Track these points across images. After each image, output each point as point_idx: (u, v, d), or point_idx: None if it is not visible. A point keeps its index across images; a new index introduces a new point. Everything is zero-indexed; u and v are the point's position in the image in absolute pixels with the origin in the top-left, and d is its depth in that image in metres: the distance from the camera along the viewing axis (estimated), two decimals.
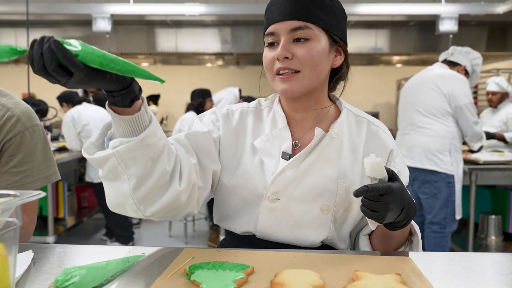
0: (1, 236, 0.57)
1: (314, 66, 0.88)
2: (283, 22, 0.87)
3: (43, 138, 1.08)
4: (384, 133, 0.99)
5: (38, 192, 0.60)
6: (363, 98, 7.78)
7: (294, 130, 0.97)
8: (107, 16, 4.53)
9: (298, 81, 0.88)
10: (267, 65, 0.91)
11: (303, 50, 0.87)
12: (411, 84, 2.76)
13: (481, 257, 0.85)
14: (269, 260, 0.81)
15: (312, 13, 0.87)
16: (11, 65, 7.67)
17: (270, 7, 0.92)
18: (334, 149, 0.93)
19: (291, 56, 0.87)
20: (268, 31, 0.90)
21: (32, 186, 1.04)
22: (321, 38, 0.89)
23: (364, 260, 0.81)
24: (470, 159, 2.87)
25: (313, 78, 0.89)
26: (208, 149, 0.94)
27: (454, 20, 4.50)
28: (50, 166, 1.08)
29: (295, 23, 0.87)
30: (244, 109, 1.01)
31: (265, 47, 0.92)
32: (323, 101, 0.97)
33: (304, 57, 0.87)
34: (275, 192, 0.91)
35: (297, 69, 0.87)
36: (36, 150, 1.05)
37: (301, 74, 0.88)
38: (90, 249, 0.89)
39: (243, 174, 0.94)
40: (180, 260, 0.81)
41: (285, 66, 0.87)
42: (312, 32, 0.87)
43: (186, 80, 7.95)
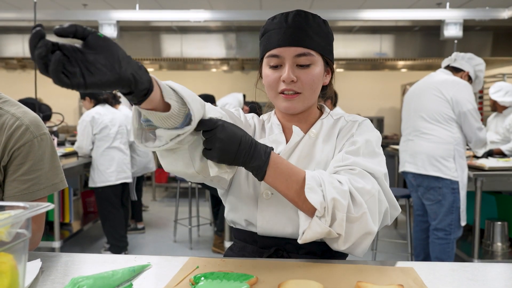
0: (11, 248, 0.58)
1: (314, 89, 0.98)
2: (289, 48, 0.95)
3: (51, 147, 1.10)
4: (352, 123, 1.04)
5: (47, 204, 0.62)
6: (368, 103, 7.77)
7: (289, 136, 1.06)
8: (113, 22, 4.57)
9: (300, 101, 0.98)
10: (271, 84, 0.99)
11: (306, 75, 0.96)
12: (414, 90, 2.76)
13: (485, 268, 0.85)
14: (273, 270, 0.81)
15: (313, 40, 0.96)
16: (18, 71, 7.75)
17: (272, 29, 0.98)
18: (312, 146, 1.02)
19: (296, 80, 0.96)
20: (273, 53, 0.97)
21: (39, 194, 1.06)
22: (319, 62, 0.98)
23: (367, 270, 0.82)
24: (475, 165, 2.86)
25: (311, 98, 1.00)
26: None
27: (459, 25, 4.49)
28: (57, 174, 1.10)
29: (300, 49, 0.95)
30: (255, 117, 1.15)
31: (268, 67, 0.99)
32: (313, 113, 1.08)
33: (307, 81, 0.97)
34: (268, 187, 0.98)
35: (299, 91, 0.97)
36: (44, 159, 1.07)
37: (302, 96, 0.98)
38: (96, 258, 0.91)
39: (242, 170, 1.02)
40: (185, 270, 0.82)
41: (290, 88, 0.97)
42: (313, 58, 0.96)
43: (191, 85, 8.00)
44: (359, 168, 0.90)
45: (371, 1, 5.11)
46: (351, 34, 6.16)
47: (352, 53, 6.28)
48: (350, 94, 7.71)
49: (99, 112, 3.41)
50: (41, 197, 1.06)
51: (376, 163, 0.94)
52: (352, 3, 5.24)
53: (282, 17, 0.98)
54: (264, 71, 1.01)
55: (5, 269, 0.57)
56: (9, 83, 7.64)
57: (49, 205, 0.62)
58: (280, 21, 0.98)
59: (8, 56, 6.50)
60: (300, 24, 0.96)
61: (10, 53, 6.41)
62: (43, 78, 0.71)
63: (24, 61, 7.09)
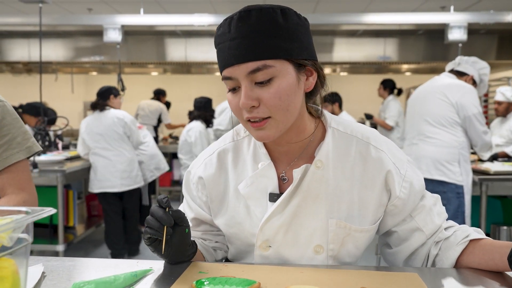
0: (13, 253, 0.58)
1: (285, 107, 0.78)
2: (238, 66, 0.76)
3: (11, 113, 1.11)
4: (377, 150, 0.87)
5: (49, 208, 0.62)
6: (371, 107, 7.75)
7: (279, 163, 0.89)
8: (118, 26, 4.59)
9: (272, 127, 0.79)
10: (234, 112, 0.82)
11: (269, 94, 0.76)
12: (419, 93, 2.75)
13: (491, 274, 0.84)
14: (276, 275, 0.81)
15: (268, 46, 0.75)
16: (24, 75, 7.81)
17: (218, 44, 0.80)
18: (320, 182, 0.85)
19: (257, 104, 0.77)
20: (224, 75, 0.79)
21: (15, 158, 1.07)
22: (286, 71, 0.77)
23: (371, 276, 0.81)
24: (480, 169, 2.83)
25: (287, 118, 0.80)
26: (211, 222, 0.98)
27: (463, 29, 4.47)
28: (27, 138, 1.12)
29: (252, 64, 0.75)
30: (221, 150, 0.94)
31: (228, 91, 0.82)
32: (306, 127, 0.87)
33: (271, 102, 0.77)
34: (265, 240, 0.88)
35: (266, 116, 0.78)
36: (6, 124, 1.09)
37: (272, 120, 0.79)
38: (99, 263, 0.90)
39: (233, 224, 0.92)
40: (187, 275, 0.81)
41: (253, 115, 0.78)
42: (274, 69, 0.76)
43: (195, 88, 8.02)
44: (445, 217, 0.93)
45: (375, 5, 5.12)
46: (355, 38, 6.16)
47: (356, 56, 6.28)
48: (354, 97, 7.70)
49: (86, 121, 3.43)
50: (18, 160, 1.08)
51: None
52: (356, 7, 5.25)
53: (225, 26, 0.78)
54: (227, 95, 0.83)
55: (6, 274, 0.57)
56: (15, 87, 7.70)
57: (51, 209, 0.62)
58: (223, 31, 0.78)
59: (14, 60, 6.55)
60: (244, 30, 0.75)
61: (15, 57, 6.46)
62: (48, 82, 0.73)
63: (30, 65, 7.15)
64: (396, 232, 0.92)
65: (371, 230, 0.90)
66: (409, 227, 0.91)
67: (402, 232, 0.91)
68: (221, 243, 1.01)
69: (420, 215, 0.90)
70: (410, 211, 0.90)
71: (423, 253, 0.91)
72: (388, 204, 0.89)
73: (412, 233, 0.90)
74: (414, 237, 0.90)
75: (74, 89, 7.77)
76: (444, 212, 0.94)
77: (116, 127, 3.35)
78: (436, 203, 0.93)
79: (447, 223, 0.93)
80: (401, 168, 0.88)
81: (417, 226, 0.90)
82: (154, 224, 0.79)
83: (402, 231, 0.91)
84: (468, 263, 0.86)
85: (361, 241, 0.90)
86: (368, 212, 0.88)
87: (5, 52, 6.46)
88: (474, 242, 0.87)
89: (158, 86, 7.85)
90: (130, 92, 5.67)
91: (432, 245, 0.91)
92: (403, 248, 0.92)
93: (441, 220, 0.91)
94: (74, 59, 6.41)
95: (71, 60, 6.41)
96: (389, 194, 0.88)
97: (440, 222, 0.91)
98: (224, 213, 0.94)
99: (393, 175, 0.87)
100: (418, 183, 0.90)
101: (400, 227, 0.91)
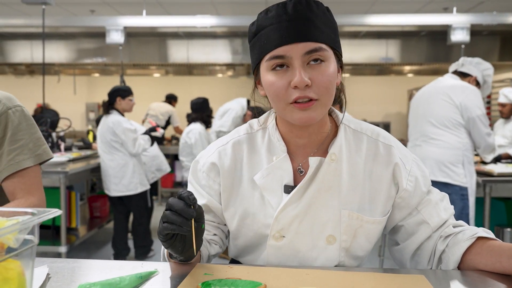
0: (19, 254, 0.58)
1: (331, 92, 0.82)
2: (296, 44, 0.78)
3: (28, 118, 1.13)
4: (385, 146, 0.91)
5: (55, 210, 0.61)
6: (374, 108, 7.75)
7: (295, 156, 0.91)
8: (120, 28, 4.60)
9: (317, 109, 0.81)
10: (278, 93, 0.81)
11: (322, 75, 0.80)
12: (422, 95, 2.74)
13: (498, 276, 0.83)
14: (281, 277, 0.80)
15: (324, 32, 0.80)
16: (26, 76, 7.83)
17: (268, 25, 0.81)
18: (334, 174, 0.88)
19: (310, 83, 0.79)
20: (276, 54, 0.80)
21: (24, 164, 1.09)
22: (332, 58, 0.82)
23: (377, 278, 0.81)
24: (484, 171, 2.82)
25: (328, 103, 0.84)
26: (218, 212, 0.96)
27: (466, 30, 4.47)
28: (39, 145, 1.13)
29: (311, 44, 0.79)
30: (235, 141, 0.95)
31: (270, 72, 0.82)
32: (326, 121, 0.91)
33: (323, 83, 0.80)
34: (280, 229, 0.89)
35: (315, 97, 0.80)
36: (22, 129, 1.10)
37: (319, 102, 0.81)
38: (104, 264, 0.90)
39: (246, 215, 0.92)
40: (192, 276, 0.81)
41: (305, 94, 0.79)
42: (326, 53, 0.81)
43: (197, 90, 8.02)
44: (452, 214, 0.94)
45: (378, 6, 5.11)
46: (357, 39, 6.16)
47: (358, 58, 6.28)
48: (356, 99, 7.69)
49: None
50: (27, 167, 1.09)
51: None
52: (358, 8, 5.25)
53: (279, 9, 0.80)
54: (265, 77, 0.83)
55: (12, 276, 0.57)
56: (18, 89, 7.71)
57: (56, 211, 0.61)
58: (277, 13, 0.80)
59: (17, 62, 6.58)
60: (304, 13, 0.79)
61: (18, 58, 6.48)
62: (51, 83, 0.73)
63: (32, 67, 7.17)
64: (403, 226, 0.94)
65: (382, 222, 0.92)
66: (415, 220, 0.92)
67: (409, 226, 0.93)
68: (219, 237, 0.99)
69: (426, 208, 0.92)
70: (416, 205, 0.92)
71: (429, 247, 0.91)
72: (396, 197, 0.91)
73: (418, 226, 0.92)
74: (420, 230, 0.92)
75: (77, 91, 7.79)
76: (451, 208, 0.94)
77: (107, 133, 3.33)
78: (443, 199, 0.95)
79: (457, 223, 0.93)
80: (406, 163, 0.91)
81: (422, 219, 0.91)
82: (175, 219, 0.74)
83: (409, 225, 0.93)
84: (474, 263, 0.86)
85: (372, 233, 0.91)
86: (378, 205, 0.90)
87: (8, 54, 6.49)
88: (482, 242, 0.86)
89: (160, 87, 7.87)
90: None
91: (438, 240, 0.91)
92: (410, 242, 0.93)
93: (447, 215, 0.92)
94: (77, 61, 6.43)
95: (74, 61, 6.43)
96: (397, 187, 0.91)
97: (446, 217, 0.92)
98: (238, 203, 0.93)
99: (400, 168, 0.90)
100: (423, 179, 0.93)
101: (407, 221, 0.93)
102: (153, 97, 6.94)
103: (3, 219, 0.58)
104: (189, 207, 0.74)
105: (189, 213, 0.74)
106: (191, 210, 0.74)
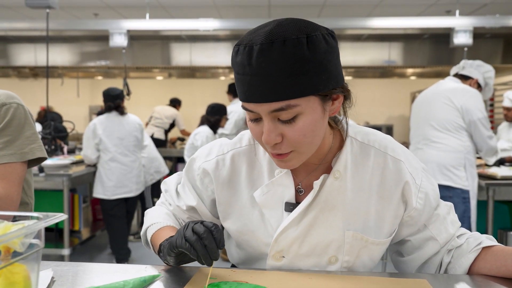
0: (24, 258, 0.58)
1: (310, 142, 0.75)
2: (260, 104, 0.71)
3: (22, 117, 1.14)
4: (395, 161, 0.85)
5: (60, 214, 0.62)
6: (377, 111, 7.73)
7: (298, 173, 0.87)
8: (124, 31, 4.62)
9: (295, 158, 0.77)
10: (257, 139, 0.78)
11: (293, 132, 0.73)
12: (423, 98, 2.74)
13: (502, 280, 0.83)
14: (284, 281, 0.81)
15: (292, 85, 0.69)
16: (30, 79, 7.86)
17: (237, 73, 0.73)
18: (338, 193, 0.83)
19: (280, 139, 0.74)
20: (245, 107, 0.74)
21: (6, 159, 1.10)
22: (311, 107, 0.72)
23: (381, 283, 0.81)
24: (487, 174, 2.81)
25: (311, 150, 0.78)
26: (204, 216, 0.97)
27: (468, 33, 4.46)
28: (27, 144, 1.14)
29: (275, 105, 0.70)
30: (236, 151, 0.91)
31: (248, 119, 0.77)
32: (325, 142, 0.85)
33: (295, 139, 0.73)
34: (279, 250, 0.86)
35: (289, 151, 0.75)
36: (12, 125, 1.12)
37: (295, 153, 0.76)
38: (108, 268, 0.90)
39: (246, 232, 0.89)
40: (196, 280, 0.81)
41: (276, 151, 0.76)
42: (299, 107, 0.71)
43: (200, 93, 8.05)
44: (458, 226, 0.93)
45: (380, 9, 5.12)
46: (360, 42, 6.16)
47: (360, 61, 6.27)
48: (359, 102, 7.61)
49: (102, 122, 3.31)
50: (6, 162, 1.10)
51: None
52: (360, 11, 5.25)
53: (244, 55, 0.70)
54: (248, 123, 0.79)
55: (18, 280, 0.58)
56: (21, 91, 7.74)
57: (62, 215, 0.62)
58: (242, 61, 0.70)
59: (21, 65, 6.61)
60: (266, 68, 0.68)
61: (22, 62, 6.51)
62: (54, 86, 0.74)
63: (36, 70, 7.20)
64: (410, 241, 0.91)
65: (387, 243, 0.89)
66: (423, 236, 0.90)
67: (416, 241, 0.90)
68: None
69: (434, 224, 0.89)
70: (425, 221, 0.89)
71: (436, 261, 0.91)
72: (404, 215, 0.88)
73: (426, 242, 0.90)
74: (428, 246, 0.89)
75: (80, 94, 7.82)
76: (457, 221, 0.93)
77: (136, 132, 3.42)
78: (449, 211, 0.92)
79: (460, 231, 0.92)
80: (416, 178, 0.86)
81: (431, 235, 0.89)
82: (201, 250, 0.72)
83: (416, 240, 0.90)
84: (480, 269, 0.86)
85: (376, 253, 0.89)
86: (385, 224, 0.87)
87: (12, 57, 6.52)
88: (486, 248, 0.86)
89: (163, 90, 7.89)
90: (135, 96, 5.71)
91: (445, 253, 0.90)
92: (416, 256, 0.91)
93: (455, 228, 0.91)
94: (80, 64, 6.45)
95: (77, 64, 6.45)
96: (406, 205, 0.87)
97: (453, 231, 0.90)
98: (236, 218, 0.91)
99: (410, 186, 0.85)
100: (433, 193, 0.89)
101: (414, 236, 0.91)
102: (156, 100, 6.96)
103: (9, 223, 0.58)
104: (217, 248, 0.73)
105: (215, 255, 0.72)
106: (217, 253, 0.73)
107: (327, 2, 4.85)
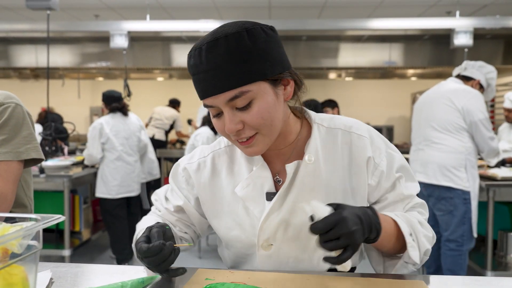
0: (22, 259, 0.59)
1: (269, 123, 0.81)
2: (216, 96, 0.78)
3: (19, 118, 1.15)
4: (359, 138, 0.90)
5: (58, 216, 0.62)
6: (377, 112, 7.73)
7: (273, 164, 0.92)
8: (124, 33, 4.63)
9: (259, 142, 0.83)
10: (222, 133, 0.85)
11: (251, 116, 0.80)
12: (425, 99, 2.74)
13: (498, 282, 0.83)
14: (282, 282, 0.81)
15: (241, 73, 0.77)
16: (31, 80, 7.88)
17: (193, 74, 0.81)
18: (313, 176, 0.88)
19: (241, 126, 0.81)
20: (205, 103, 0.82)
21: (1, 157, 1.11)
22: (263, 91, 0.80)
23: (377, 284, 0.81)
24: (487, 175, 2.81)
25: (273, 132, 0.84)
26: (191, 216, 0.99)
27: (469, 34, 4.46)
28: (23, 144, 1.15)
29: (229, 93, 0.78)
30: (215, 153, 0.97)
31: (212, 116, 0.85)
32: (291, 129, 0.91)
33: (254, 122, 0.80)
34: (266, 238, 0.89)
35: (252, 134, 0.82)
36: (8, 125, 1.12)
37: (259, 135, 0.83)
38: (106, 269, 0.91)
39: (233, 227, 0.92)
40: (194, 281, 0.81)
41: (240, 137, 0.82)
42: (251, 92, 0.78)
43: None
44: (416, 200, 0.93)
45: (380, 10, 5.12)
46: (360, 43, 6.16)
47: (361, 61, 6.28)
48: (360, 103, 7.69)
49: (108, 122, 3.36)
50: (1, 160, 1.11)
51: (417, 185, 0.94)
52: (361, 12, 5.26)
53: (196, 57, 0.79)
54: (212, 120, 0.86)
55: (16, 281, 0.58)
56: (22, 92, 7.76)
57: (60, 217, 0.62)
58: (195, 62, 0.79)
59: (22, 66, 6.62)
60: (215, 61, 0.76)
61: (23, 63, 6.53)
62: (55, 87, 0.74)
63: (37, 71, 7.22)
64: None
65: None
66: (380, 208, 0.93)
67: None
68: (189, 235, 1.02)
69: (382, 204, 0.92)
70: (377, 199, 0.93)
71: None
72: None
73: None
74: None
75: (81, 95, 7.83)
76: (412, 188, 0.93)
77: (138, 133, 3.50)
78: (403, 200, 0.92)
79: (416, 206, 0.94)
80: (376, 157, 0.90)
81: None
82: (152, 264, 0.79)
83: None
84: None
85: None
86: (361, 197, 0.91)
87: (13, 58, 6.53)
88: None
89: (164, 91, 7.89)
90: (136, 97, 5.71)
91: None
92: None
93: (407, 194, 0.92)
94: (81, 65, 6.47)
95: (78, 66, 6.47)
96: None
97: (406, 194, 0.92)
98: (222, 216, 0.95)
99: (370, 163, 0.90)
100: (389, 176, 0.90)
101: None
102: (157, 101, 6.97)
103: (7, 225, 0.59)
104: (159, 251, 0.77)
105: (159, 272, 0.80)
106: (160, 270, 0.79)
107: (328, 3, 4.85)
